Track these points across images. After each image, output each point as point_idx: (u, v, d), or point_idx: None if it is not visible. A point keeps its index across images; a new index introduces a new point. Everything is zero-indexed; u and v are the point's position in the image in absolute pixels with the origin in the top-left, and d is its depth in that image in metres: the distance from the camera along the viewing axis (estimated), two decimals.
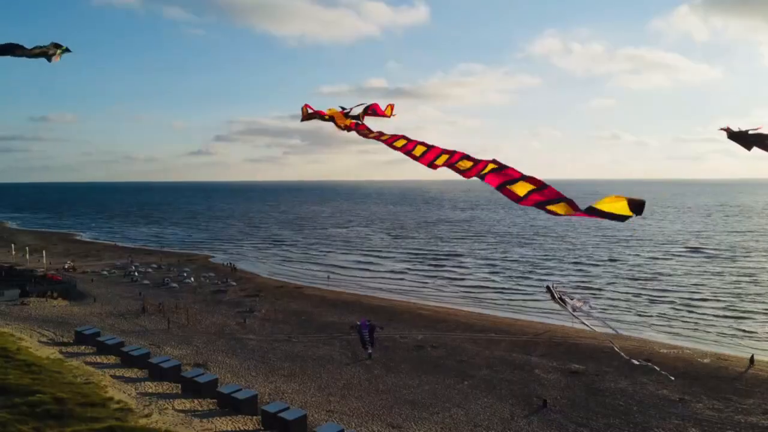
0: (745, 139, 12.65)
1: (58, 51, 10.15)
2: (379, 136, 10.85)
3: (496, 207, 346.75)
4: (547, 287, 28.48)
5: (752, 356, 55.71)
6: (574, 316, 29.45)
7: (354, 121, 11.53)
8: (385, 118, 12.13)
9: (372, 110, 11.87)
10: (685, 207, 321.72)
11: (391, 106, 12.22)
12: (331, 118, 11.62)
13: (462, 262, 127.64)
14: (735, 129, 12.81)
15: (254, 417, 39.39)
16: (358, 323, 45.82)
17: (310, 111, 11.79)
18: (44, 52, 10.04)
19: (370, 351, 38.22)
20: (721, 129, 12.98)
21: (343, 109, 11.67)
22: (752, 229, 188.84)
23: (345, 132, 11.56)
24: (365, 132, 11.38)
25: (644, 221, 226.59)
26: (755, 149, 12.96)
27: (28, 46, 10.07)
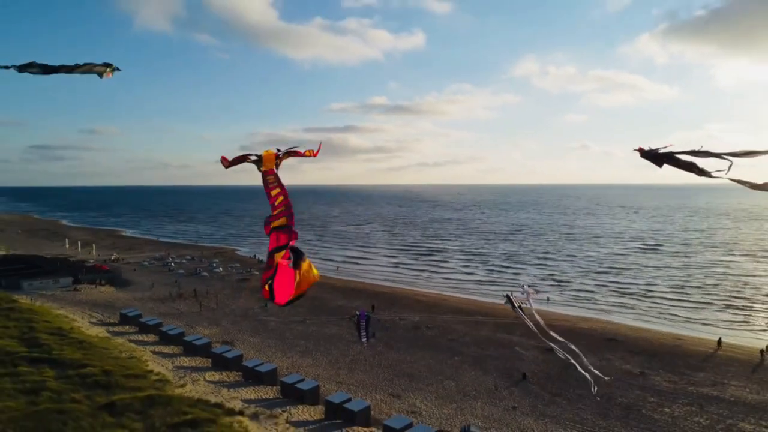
0: (656, 157, 12.31)
1: (109, 69, 10.13)
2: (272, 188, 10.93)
3: (483, 208, 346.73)
4: (507, 296, 27.68)
5: (720, 339, 54.51)
6: (527, 321, 28.97)
7: (273, 163, 11.30)
8: (310, 157, 12.07)
9: (295, 151, 11.76)
10: (647, 208, 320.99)
11: (314, 151, 12.10)
12: (259, 159, 11.37)
13: (454, 255, 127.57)
14: (646, 148, 12.50)
15: (274, 387, 39.50)
16: (357, 313, 46.19)
17: (227, 161, 11.72)
18: (92, 71, 10.02)
19: (365, 340, 37.79)
20: (635, 150, 12.63)
21: (278, 150, 11.53)
22: (705, 228, 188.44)
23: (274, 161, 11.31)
24: (272, 180, 11.22)
25: (611, 221, 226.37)
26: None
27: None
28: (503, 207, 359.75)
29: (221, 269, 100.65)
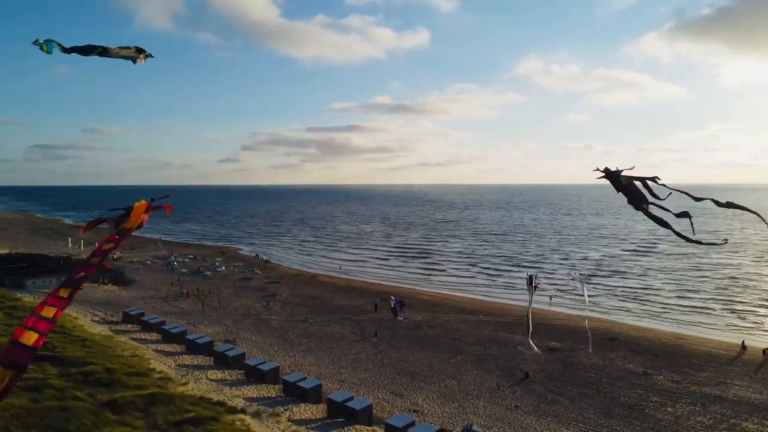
0: (617, 180, 11.90)
1: (142, 55, 10.05)
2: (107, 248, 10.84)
3: (485, 208, 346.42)
4: (529, 276, 29.49)
5: (743, 342, 52.97)
6: (528, 304, 30.59)
7: (140, 217, 11.38)
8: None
9: (162, 206, 12.00)
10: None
11: (170, 207, 12.63)
12: (126, 214, 11.45)
13: (455, 255, 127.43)
14: (612, 169, 12.11)
15: (276, 386, 39.45)
16: (393, 298, 48.97)
17: (82, 229, 12.02)
18: (129, 55, 9.94)
19: (400, 318, 42.00)
20: (596, 170, 12.17)
21: (153, 200, 11.69)
22: (712, 230, 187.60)
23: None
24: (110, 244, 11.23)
25: (616, 221, 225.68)
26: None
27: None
28: (505, 207, 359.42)
29: (223, 268, 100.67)
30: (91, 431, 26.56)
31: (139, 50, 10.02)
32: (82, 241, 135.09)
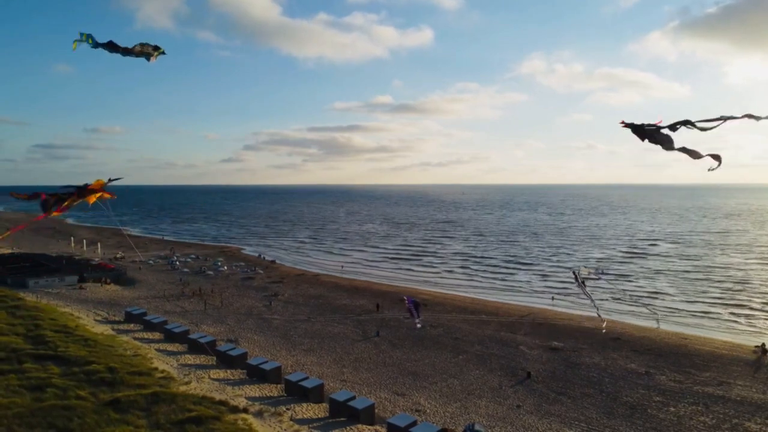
0: (641, 131, 13.04)
1: (156, 53, 10.20)
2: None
3: (487, 208, 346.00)
4: (573, 272, 30.88)
5: (763, 344, 51.33)
6: (589, 299, 31.63)
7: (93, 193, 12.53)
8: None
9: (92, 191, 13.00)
10: (658, 208, 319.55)
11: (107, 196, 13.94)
12: (81, 191, 12.29)
13: (456, 254, 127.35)
14: (638, 123, 13.24)
15: (278, 385, 39.56)
16: (405, 298, 49.04)
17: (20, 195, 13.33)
18: (144, 52, 10.09)
19: (418, 321, 42.58)
20: (621, 122, 13.39)
21: (110, 180, 12.54)
22: (720, 230, 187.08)
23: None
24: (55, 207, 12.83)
25: (619, 221, 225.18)
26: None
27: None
28: (507, 207, 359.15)
29: (225, 268, 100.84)
30: (93, 430, 26.70)
31: (156, 48, 10.19)
32: (84, 240, 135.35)
